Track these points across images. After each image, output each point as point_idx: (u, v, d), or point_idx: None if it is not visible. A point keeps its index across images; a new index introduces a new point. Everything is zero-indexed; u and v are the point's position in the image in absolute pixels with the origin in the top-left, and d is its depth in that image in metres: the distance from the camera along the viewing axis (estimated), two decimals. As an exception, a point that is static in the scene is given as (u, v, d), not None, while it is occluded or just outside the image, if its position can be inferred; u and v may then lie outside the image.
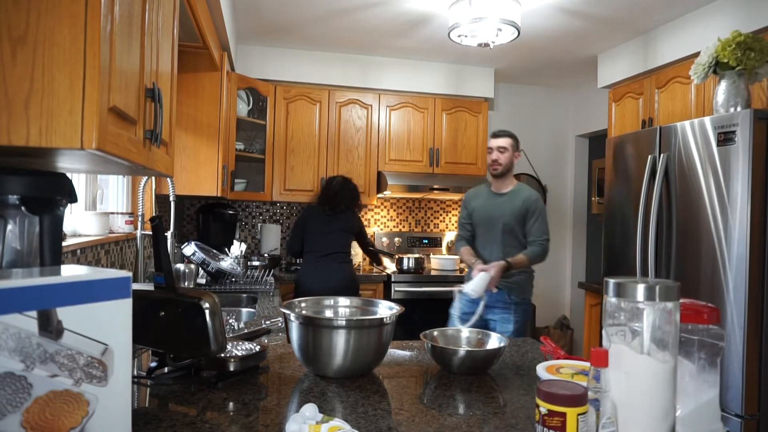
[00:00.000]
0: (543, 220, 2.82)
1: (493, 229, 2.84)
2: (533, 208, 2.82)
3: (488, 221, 2.88)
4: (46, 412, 0.74)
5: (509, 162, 2.87)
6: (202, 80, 3.03)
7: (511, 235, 2.82)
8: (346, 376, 1.30)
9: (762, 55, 2.28)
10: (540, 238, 2.79)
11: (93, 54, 0.82)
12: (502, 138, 2.88)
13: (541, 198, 2.92)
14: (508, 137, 2.89)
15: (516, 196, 2.87)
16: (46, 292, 0.75)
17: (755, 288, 2.13)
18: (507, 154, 2.86)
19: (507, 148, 2.85)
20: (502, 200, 2.87)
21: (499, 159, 2.85)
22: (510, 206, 2.83)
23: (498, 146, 2.86)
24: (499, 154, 2.85)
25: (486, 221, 2.89)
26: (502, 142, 2.87)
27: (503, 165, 2.85)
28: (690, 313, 0.94)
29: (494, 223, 2.84)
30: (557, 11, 3.17)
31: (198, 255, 2.74)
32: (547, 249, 2.82)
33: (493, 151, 2.87)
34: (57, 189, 1.03)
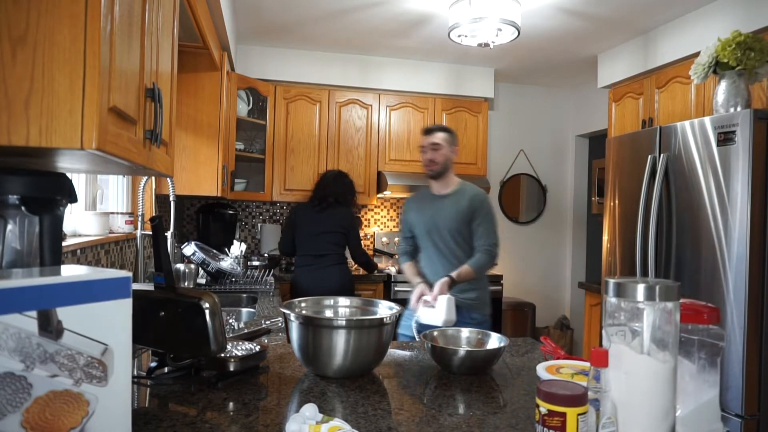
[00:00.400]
0: (490, 223, 2.52)
1: (439, 238, 2.52)
2: (479, 208, 2.51)
3: (432, 229, 2.54)
4: (46, 412, 0.74)
5: (446, 160, 2.55)
6: (202, 80, 3.03)
7: (460, 244, 2.51)
8: (346, 376, 1.30)
9: (762, 55, 2.27)
10: (486, 245, 2.48)
11: (93, 54, 0.82)
12: (436, 133, 2.56)
13: (488, 197, 2.62)
14: (442, 131, 2.58)
15: (460, 196, 2.55)
16: (46, 292, 0.75)
17: (755, 288, 2.13)
18: (443, 151, 2.54)
19: (441, 145, 2.53)
20: (445, 203, 2.55)
21: (434, 158, 2.53)
22: (455, 209, 2.51)
23: (431, 143, 2.54)
24: (434, 153, 2.53)
25: (430, 230, 2.55)
26: (436, 138, 2.54)
27: (440, 164, 2.53)
28: (690, 313, 0.94)
29: (439, 230, 2.52)
30: (557, 11, 3.17)
31: (198, 255, 2.73)
32: (495, 256, 2.53)
33: (427, 150, 2.55)
34: (57, 189, 1.03)
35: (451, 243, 2.50)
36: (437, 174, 2.55)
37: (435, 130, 2.60)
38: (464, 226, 2.49)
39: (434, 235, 2.53)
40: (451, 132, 2.62)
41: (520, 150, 4.86)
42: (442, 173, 2.56)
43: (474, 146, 4.33)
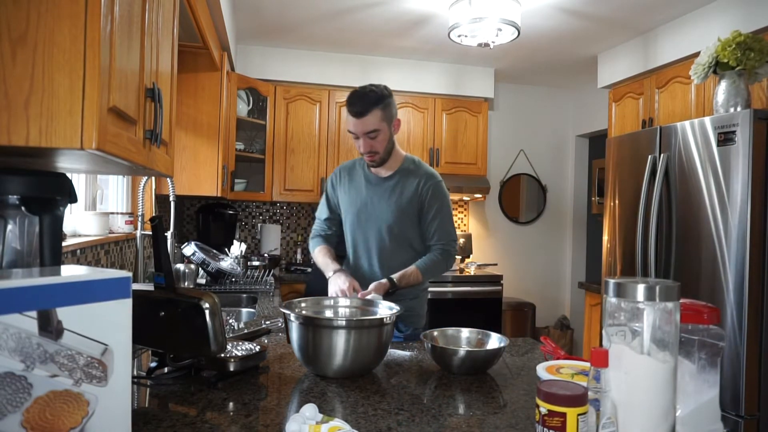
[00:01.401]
0: (445, 215, 1.99)
1: (374, 232, 1.97)
2: (430, 197, 1.95)
3: (366, 220, 1.99)
4: (46, 412, 0.74)
5: (387, 143, 1.93)
6: (202, 80, 3.03)
7: (401, 241, 1.97)
8: (346, 376, 1.30)
9: (762, 55, 2.28)
10: (441, 242, 1.97)
11: (93, 54, 0.82)
12: (368, 115, 1.85)
13: (441, 180, 2.01)
14: (375, 106, 1.85)
15: (405, 180, 1.97)
16: (46, 292, 0.75)
17: (755, 288, 2.13)
18: (382, 136, 1.89)
19: (379, 130, 1.88)
20: (385, 189, 1.98)
21: (373, 147, 1.90)
22: (397, 198, 1.95)
23: (365, 132, 1.87)
24: (371, 141, 1.89)
25: (362, 220, 1.99)
26: (371, 122, 1.86)
27: (381, 153, 1.92)
28: (690, 313, 0.94)
29: (375, 222, 1.97)
30: (557, 11, 3.17)
31: (198, 255, 2.73)
32: (453, 255, 2.01)
33: (360, 138, 1.90)
34: (57, 189, 1.03)
35: (387, 240, 1.96)
36: (382, 162, 1.97)
37: (366, 107, 1.85)
38: (407, 219, 1.96)
39: (367, 227, 1.99)
40: (384, 101, 1.88)
41: (520, 150, 4.86)
42: (388, 159, 1.98)
43: (474, 146, 4.33)
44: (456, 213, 4.75)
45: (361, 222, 2.00)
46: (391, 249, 1.97)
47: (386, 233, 1.96)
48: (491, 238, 4.82)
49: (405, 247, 1.98)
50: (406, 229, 1.96)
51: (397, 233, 1.96)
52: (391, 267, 1.92)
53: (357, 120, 1.87)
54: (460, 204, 4.75)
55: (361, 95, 1.87)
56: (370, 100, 1.85)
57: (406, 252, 1.98)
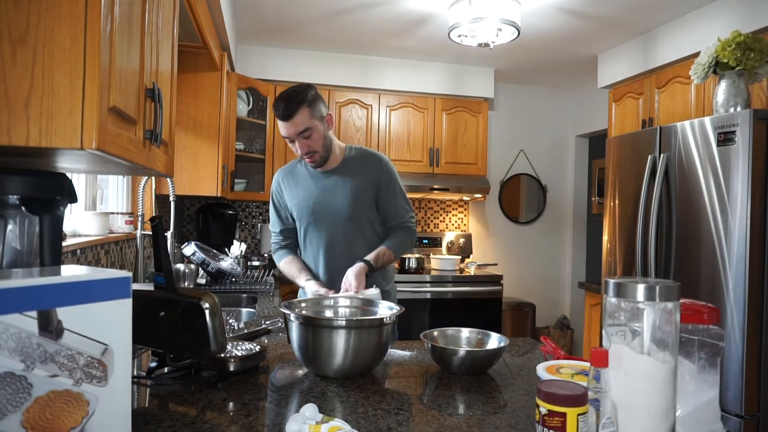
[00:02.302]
0: (401, 193, 2.01)
1: (331, 227, 1.94)
2: (385, 180, 1.96)
3: (320, 218, 1.95)
4: (46, 412, 0.74)
5: (324, 140, 1.89)
6: (202, 80, 3.03)
7: (362, 227, 1.96)
8: (346, 376, 1.30)
9: (762, 55, 2.28)
10: (404, 219, 2.00)
11: (93, 54, 0.82)
12: (297, 115, 1.81)
13: (388, 159, 2.03)
14: (301, 106, 1.81)
15: (353, 170, 1.96)
16: (46, 292, 0.75)
17: (755, 288, 2.13)
18: (316, 134, 1.85)
19: (311, 127, 1.84)
20: (334, 182, 1.95)
21: (311, 147, 1.86)
22: (349, 189, 1.93)
23: (298, 133, 1.83)
24: (307, 141, 1.85)
25: (316, 219, 1.96)
26: (300, 121, 1.81)
27: (319, 151, 1.88)
28: (690, 313, 0.94)
29: (330, 219, 1.94)
30: (557, 11, 3.17)
31: (198, 255, 2.73)
32: (414, 230, 2.04)
33: (295, 141, 1.85)
34: (57, 189, 1.03)
35: (348, 230, 1.94)
36: (324, 161, 1.94)
37: (292, 108, 1.80)
38: (364, 205, 1.95)
39: (324, 223, 1.96)
40: (308, 98, 1.84)
41: (520, 150, 4.86)
42: (328, 157, 1.94)
43: (474, 146, 4.33)
44: (456, 213, 4.75)
45: (317, 220, 1.96)
46: (351, 239, 1.95)
47: (345, 224, 1.94)
48: (491, 238, 4.82)
49: (365, 234, 1.97)
50: (364, 216, 1.95)
51: (356, 222, 1.95)
52: (355, 256, 1.90)
53: (287, 123, 1.83)
54: (460, 204, 4.75)
55: (284, 97, 1.83)
56: (295, 100, 1.82)
57: (366, 238, 1.97)
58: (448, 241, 4.55)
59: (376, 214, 1.98)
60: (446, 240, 4.56)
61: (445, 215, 4.72)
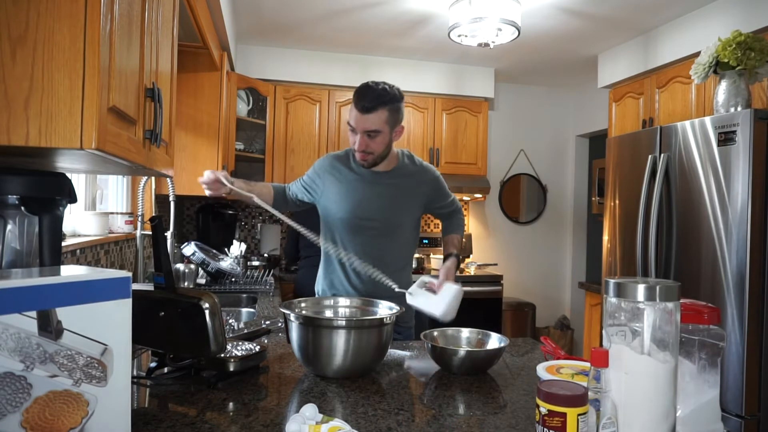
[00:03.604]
0: (445, 187, 2.05)
1: (368, 231, 1.87)
2: (439, 190, 1.99)
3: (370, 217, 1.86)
4: (45, 412, 0.74)
5: (386, 147, 1.83)
6: (202, 80, 3.03)
7: (396, 234, 1.92)
8: (346, 376, 1.30)
9: (762, 55, 2.27)
10: (454, 204, 2.08)
11: (92, 54, 0.82)
12: (373, 113, 1.74)
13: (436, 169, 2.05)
14: (384, 106, 1.74)
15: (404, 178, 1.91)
16: (45, 292, 0.75)
17: (755, 288, 2.12)
18: (381, 139, 1.79)
19: (380, 131, 1.77)
20: (383, 187, 1.89)
21: (369, 147, 1.79)
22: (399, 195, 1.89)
23: (366, 130, 1.76)
24: (369, 141, 1.78)
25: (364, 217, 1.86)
26: (374, 121, 1.75)
27: (376, 154, 1.82)
28: (690, 314, 0.94)
29: (371, 222, 1.86)
30: (557, 11, 3.17)
31: (198, 255, 2.73)
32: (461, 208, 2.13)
33: (358, 135, 1.78)
34: (57, 189, 1.03)
35: (386, 234, 1.88)
36: (374, 165, 1.87)
37: (373, 104, 1.74)
38: (407, 213, 1.92)
39: (371, 224, 1.88)
40: (394, 103, 1.78)
41: (520, 150, 4.86)
42: (381, 162, 1.87)
43: (474, 146, 4.33)
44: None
45: (362, 215, 1.86)
46: (387, 242, 1.90)
47: (385, 228, 1.88)
48: (491, 238, 4.82)
49: (399, 238, 1.94)
50: (403, 221, 1.93)
51: (396, 227, 1.91)
52: (385, 260, 1.85)
53: (360, 115, 1.75)
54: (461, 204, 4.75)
55: (372, 90, 1.75)
56: (380, 98, 1.74)
57: (399, 243, 1.94)
58: (448, 241, 4.55)
59: (412, 220, 1.97)
60: (446, 240, 4.55)
61: (445, 215, 4.72)
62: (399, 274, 1.87)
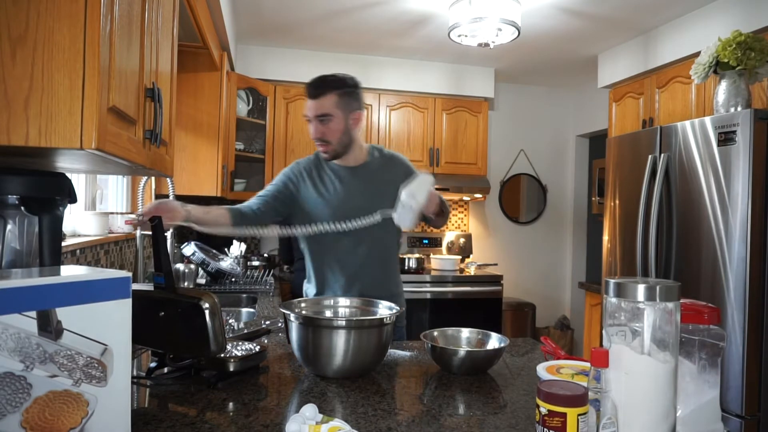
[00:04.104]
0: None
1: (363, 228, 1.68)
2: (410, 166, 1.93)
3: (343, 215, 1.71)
4: (45, 412, 0.74)
5: (343, 134, 1.76)
6: (202, 80, 3.03)
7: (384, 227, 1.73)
8: (346, 377, 1.30)
9: (762, 55, 2.27)
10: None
11: (92, 54, 0.82)
12: (324, 97, 1.71)
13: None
14: (332, 90, 1.71)
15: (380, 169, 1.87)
16: (45, 292, 0.74)
17: (755, 288, 2.12)
18: (334, 124, 1.73)
19: (332, 115, 1.72)
20: (360, 180, 1.84)
21: (325, 135, 1.74)
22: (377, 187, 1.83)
23: (317, 114, 1.72)
24: (322, 127, 1.73)
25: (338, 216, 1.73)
26: (324, 104, 1.71)
27: (333, 144, 1.76)
28: (690, 314, 0.94)
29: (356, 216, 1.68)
30: (557, 11, 3.16)
31: (198, 255, 2.73)
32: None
33: (312, 122, 1.75)
34: (57, 189, 1.03)
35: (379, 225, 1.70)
36: (336, 155, 1.81)
37: (321, 90, 1.71)
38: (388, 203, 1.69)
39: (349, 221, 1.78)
40: (344, 88, 1.74)
41: (520, 150, 4.86)
42: (343, 153, 1.81)
43: (474, 146, 4.33)
44: (456, 213, 4.75)
45: (339, 216, 1.74)
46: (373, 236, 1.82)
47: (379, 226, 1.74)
48: (491, 238, 4.82)
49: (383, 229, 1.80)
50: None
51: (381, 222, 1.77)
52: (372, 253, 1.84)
53: (310, 101, 1.74)
54: (460, 204, 4.75)
55: (321, 78, 1.75)
56: (329, 83, 1.73)
57: (384, 234, 1.86)
58: (448, 241, 4.55)
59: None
60: (446, 240, 4.56)
61: (445, 215, 4.72)
62: (387, 265, 1.89)
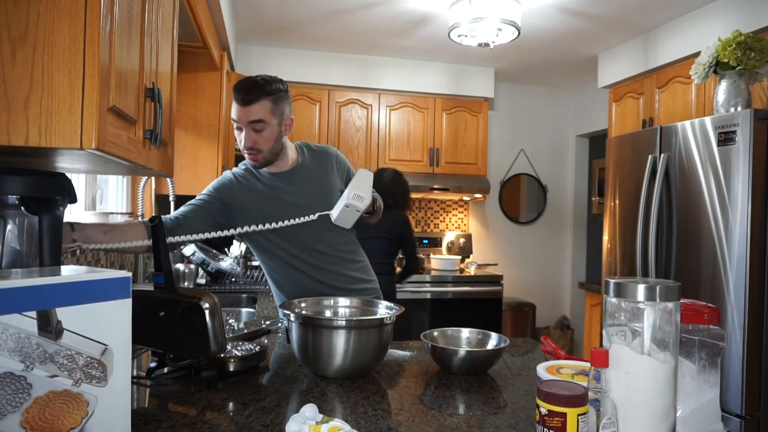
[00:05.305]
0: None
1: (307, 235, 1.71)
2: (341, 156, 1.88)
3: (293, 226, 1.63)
4: (45, 412, 0.74)
5: (274, 143, 1.68)
6: (202, 80, 3.03)
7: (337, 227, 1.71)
8: (346, 377, 1.30)
9: (762, 55, 2.27)
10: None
11: (92, 54, 0.82)
12: (257, 103, 1.61)
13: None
14: (266, 97, 1.62)
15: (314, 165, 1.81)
16: (45, 292, 0.74)
17: (755, 288, 2.12)
18: (268, 132, 1.65)
19: (265, 122, 1.63)
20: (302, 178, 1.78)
21: (257, 143, 1.65)
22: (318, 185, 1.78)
23: (250, 121, 1.62)
24: (255, 136, 1.64)
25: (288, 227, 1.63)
26: (257, 111, 1.62)
27: (264, 152, 1.68)
28: (690, 314, 0.94)
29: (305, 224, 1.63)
30: (557, 11, 3.16)
31: (198, 255, 2.73)
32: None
33: (243, 130, 1.65)
34: (57, 189, 1.03)
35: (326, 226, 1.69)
36: (266, 164, 1.72)
37: (253, 95, 1.61)
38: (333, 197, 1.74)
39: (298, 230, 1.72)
40: (276, 93, 1.65)
41: (520, 150, 4.86)
42: (273, 161, 1.73)
43: (474, 146, 4.33)
44: (456, 213, 4.75)
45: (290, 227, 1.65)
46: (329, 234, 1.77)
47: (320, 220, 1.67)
48: (491, 238, 4.82)
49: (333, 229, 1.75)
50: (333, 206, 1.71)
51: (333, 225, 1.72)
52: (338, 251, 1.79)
53: (242, 108, 1.62)
54: (460, 204, 4.75)
55: (250, 81, 1.64)
56: (261, 88, 1.62)
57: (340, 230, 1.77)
58: (448, 241, 4.55)
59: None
60: (446, 240, 4.56)
61: (445, 215, 4.72)
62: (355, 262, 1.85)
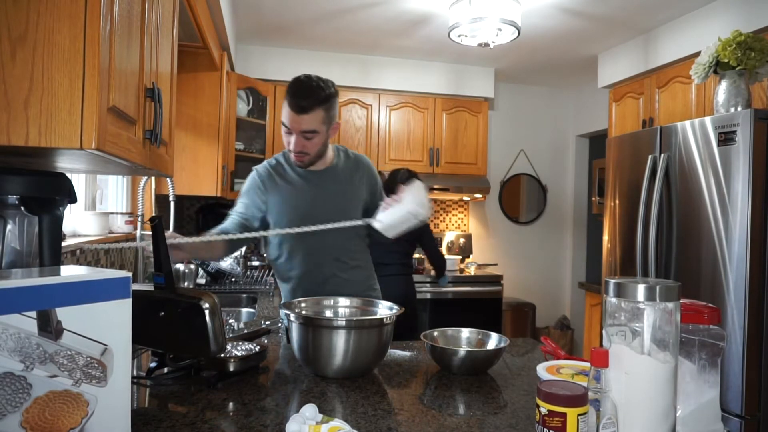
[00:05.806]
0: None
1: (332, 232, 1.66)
2: (375, 180, 1.90)
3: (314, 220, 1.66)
4: (45, 412, 0.74)
5: (322, 146, 1.75)
6: (202, 80, 3.03)
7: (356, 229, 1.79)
8: (346, 377, 1.30)
9: (762, 55, 2.27)
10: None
11: (92, 54, 0.82)
12: (311, 113, 1.64)
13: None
14: (320, 107, 1.65)
15: (347, 170, 1.85)
16: (45, 292, 0.74)
17: (755, 288, 2.12)
18: (318, 139, 1.70)
19: (317, 132, 1.68)
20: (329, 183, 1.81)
21: (305, 147, 1.70)
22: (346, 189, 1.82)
23: (303, 131, 1.67)
24: (306, 142, 1.69)
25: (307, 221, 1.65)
26: (310, 121, 1.65)
27: (311, 155, 1.74)
28: (690, 314, 0.94)
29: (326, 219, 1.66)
30: (557, 11, 3.17)
31: (198, 255, 2.73)
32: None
33: (293, 135, 1.69)
34: (57, 189, 1.03)
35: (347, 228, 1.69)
36: (310, 163, 1.79)
37: (311, 104, 1.64)
38: (359, 205, 1.83)
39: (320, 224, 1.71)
40: (330, 101, 1.68)
41: (520, 150, 4.86)
42: (317, 161, 1.79)
43: (474, 146, 4.33)
44: (456, 213, 4.75)
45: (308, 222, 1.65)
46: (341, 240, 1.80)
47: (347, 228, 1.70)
48: (491, 238, 4.82)
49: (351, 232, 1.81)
50: (353, 215, 1.77)
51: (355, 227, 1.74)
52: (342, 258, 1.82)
53: (296, 115, 1.65)
54: (460, 204, 4.75)
55: (308, 88, 1.65)
56: (318, 97, 1.64)
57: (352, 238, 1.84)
58: (449, 241, 4.55)
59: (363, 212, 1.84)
60: (446, 240, 4.56)
61: (445, 215, 4.72)
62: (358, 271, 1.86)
